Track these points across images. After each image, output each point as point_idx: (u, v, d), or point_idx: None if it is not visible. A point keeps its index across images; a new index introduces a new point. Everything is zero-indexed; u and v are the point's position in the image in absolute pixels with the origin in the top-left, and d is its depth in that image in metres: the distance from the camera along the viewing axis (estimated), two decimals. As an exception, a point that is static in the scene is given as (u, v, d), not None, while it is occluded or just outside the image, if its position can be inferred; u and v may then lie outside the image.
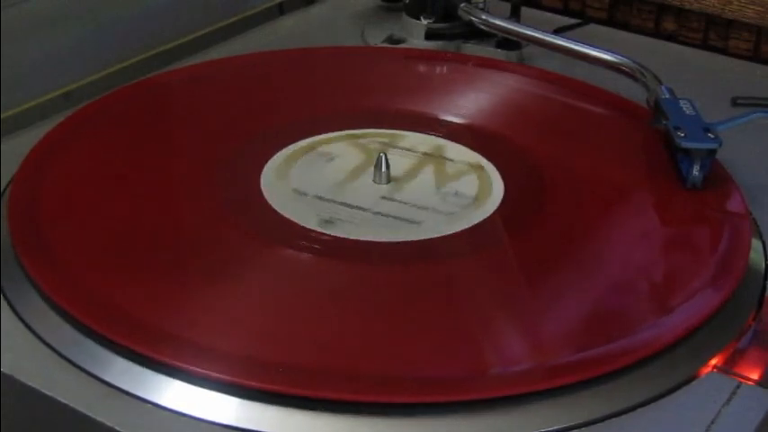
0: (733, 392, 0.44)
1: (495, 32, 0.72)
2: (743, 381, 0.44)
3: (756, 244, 0.53)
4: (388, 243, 0.51)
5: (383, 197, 0.55)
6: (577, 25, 0.78)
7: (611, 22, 0.83)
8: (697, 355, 0.46)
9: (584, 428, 0.42)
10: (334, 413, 0.42)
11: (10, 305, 0.48)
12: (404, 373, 0.43)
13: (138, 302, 0.46)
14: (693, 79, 0.68)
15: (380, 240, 0.51)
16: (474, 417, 0.42)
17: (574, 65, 0.68)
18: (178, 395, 0.42)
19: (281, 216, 0.52)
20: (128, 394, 0.43)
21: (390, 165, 0.56)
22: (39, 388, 0.43)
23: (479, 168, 0.57)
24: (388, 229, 0.52)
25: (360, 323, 0.46)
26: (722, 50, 0.78)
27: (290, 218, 0.52)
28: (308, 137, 0.60)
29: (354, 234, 0.51)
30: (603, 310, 0.48)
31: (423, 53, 0.72)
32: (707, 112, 0.58)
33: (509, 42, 0.72)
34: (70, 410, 0.42)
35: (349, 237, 0.51)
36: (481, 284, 0.49)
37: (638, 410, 0.43)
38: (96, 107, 0.62)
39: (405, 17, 0.75)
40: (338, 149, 0.59)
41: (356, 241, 0.51)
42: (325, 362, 0.44)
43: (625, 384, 0.44)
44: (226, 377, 0.42)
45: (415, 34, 0.74)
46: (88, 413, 0.42)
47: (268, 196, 0.54)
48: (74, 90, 0.66)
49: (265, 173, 0.56)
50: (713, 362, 0.45)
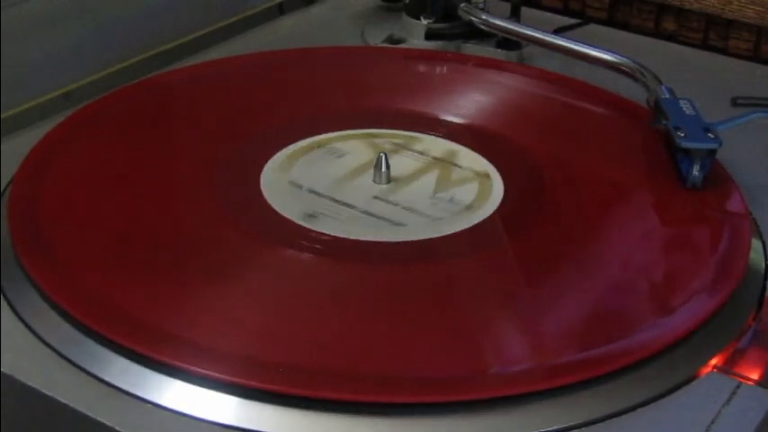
0: (733, 392, 0.44)
1: (495, 32, 0.72)
2: (743, 381, 0.44)
3: (756, 244, 0.53)
4: (388, 243, 0.51)
5: (375, 197, 0.55)
6: (577, 25, 0.78)
7: (611, 22, 0.83)
8: (697, 355, 0.46)
9: (584, 428, 0.42)
10: (334, 413, 0.42)
11: (10, 305, 0.48)
12: (404, 373, 0.43)
13: (138, 302, 0.46)
14: (693, 79, 0.68)
15: (381, 240, 0.51)
16: (474, 417, 0.42)
17: (574, 65, 0.68)
18: (178, 395, 0.42)
19: (280, 216, 0.52)
20: (128, 394, 0.43)
21: (398, 166, 0.56)
22: (39, 388, 0.43)
23: (485, 177, 0.56)
24: (369, 229, 0.52)
25: (360, 323, 0.46)
26: (722, 50, 0.78)
27: (276, 208, 0.52)
28: (307, 137, 0.60)
29: (334, 230, 0.51)
30: (603, 309, 0.48)
31: (423, 53, 0.72)
32: (707, 112, 0.58)
33: (509, 42, 0.72)
34: (70, 410, 0.42)
35: (329, 233, 0.51)
36: (481, 284, 0.49)
37: (638, 410, 0.43)
38: (96, 107, 0.62)
39: (405, 17, 0.75)
40: (351, 147, 0.59)
41: (356, 241, 0.51)
42: (325, 362, 0.44)
43: (625, 384, 0.44)
44: (226, 377, 0.42)
45: (415, 34, 0.74)
46: (88, 413, 0.42)
47: (268, 196, 0.54)
48: (74, 90, 0.66)
49: (266, 171, 0.56)
50: (713, 362, 0.45)
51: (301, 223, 0.52)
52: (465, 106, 0.64)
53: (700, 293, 0.48)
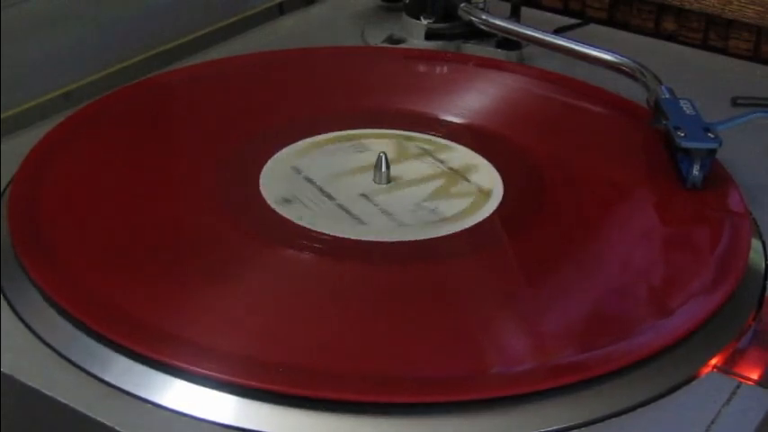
0: (733, 392, 0.44)
1: (495, 32, 0.72)
2: (743, 381, 0.44)
3: (756, 244, 0.53)
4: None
5: (362, 194, 0.55)
6: (577, 25, 0.78)
7: (611, 22, 0.83)
8: (697, 355, 0.46)
9: (584, 428, 0.42)
10: (335, 413, 0.42)
11: (10, 305, 0.48)
12: (404, 373, 0.43)
13: (138, 302, 0.46)
14: (693, 79, 0.68)
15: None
16: (474, 417, 0.42)
17: (574, 65, 0.68)
18: (178, 395, 0.42)
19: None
20: (128, 394, 0.43)
21: (409, 170, 0.56)
22: (39, 388, 0.43)
23: (485, 194, 0.55)
24: (331, 221, 0.52)
25: (360, 323, 0.46)
26: (722, 50, 0.78)
27: (263, 189, 0.52)
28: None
29: (298, 217, 0.52)
30: (603, 309, 0.48)
31: (423, 53, 0.72)
32: (707, 112, 0.58)
33: (509, 42, 0.72)
34: (70, 410, 0.42)
35: (292, 219, 0.52)
36: (481, 284, 0.49)
37: (638, 410, 0.43)
38: (96, 107, 0.62)
39: (405, 17, 0.75)
40: (378, 145, 0.58)
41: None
42: (326, 362, 0.44)
43: (625, 384, 0.44)
44: (226, 377, 0.42)
45: (415, 34, 0.74)
46: (88, 413, 0.42)
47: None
48: (74, 90, 0.66)
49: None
50: (713, 362, 0.45)
51: (274, 206, 0.52)
52: (465, 106, 0.64)
53: (700, 293, 0.48)
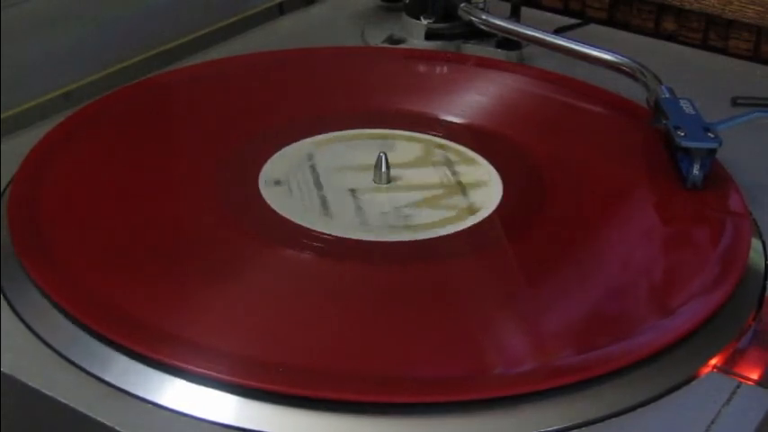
0: (733, 392, 0.44)
1: (495, 32, 0.72)
2: (743, 381, 0.44)
3: (756, 244, 0.53)
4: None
5: (351, 189, 0.55)
6: (577, 25, 0.78)
7: (611, 22, 0.83)
8: (697, 355, 0.46)
9: (584, 428, 0.42)
10: (334, 413, 0.42)
11: (10, 305, 0.48)
12: (404, 373, 0.43)
13: (138, 302, 0.46)
14: (693, 79, 0.68)
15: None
16: (474, 417, 0.42)
17: (574, 65, 0.68)
18: (178, 395, 0.42)
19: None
20: (128, 394, 0.43)
21: (417, 176, 0.56)
22: (39, 388, 0.43)
23: (469, 211, 0.53)
24: (299, 210, 0.53)
25: (360, 323, 0.46)
26: (722, 50, 0.78)
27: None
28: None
29: (276, 201, 0.53)
30: (603, 310, 0.48)
31: (423, 53, 0.72)
32: (707, 111, 0.58)
33: (509, 42, 0.72)
34: (70, 410, 0.42)
35: (269, 202, 0.53)
36: (481, 285, 0.49)
37: (638, 410, 0.43)
38: (96, 107, 0.62)
39: (405, 17, 0.75)
40: (405, 148, 0.58)
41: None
42: (325, 362, 0.44)
43: (625, 384, 0.44)
44: (226, 377, 0.42)
45: (415, 34, 0.74)
46: (88, 413, 0.42)
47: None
48: (74, 90, 0.66)
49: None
50: (713, 362, 0.45)
51: (262, 185, 0.54)
52: (465, 106, 0.64)
53: (700, 293, 0.48)
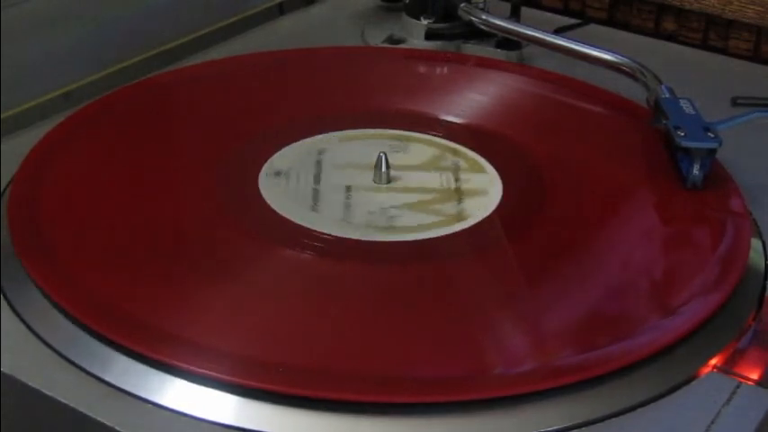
0: (733, 392, 0.44)
1: (495, 32, 0.72)
2: (743, 381, 0.44)
3: (756, 244, 0.53)
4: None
5: (347, 186, 0.55)
6: (577, 25, 0.78)
7: (611, 22, 0.83)
8: (697, 355, 0.46)
9: (584, 428, 0.42)
10: (334, 413, 0.42)
11: (10, 305, 0.48)
12: (404, 373, 0.43)
13: (138, 302, 0.46)
14: (693, 79, 0.68)
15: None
16: (474, 417, 0.42)
17: (574, 65, 0.68)
18: (178, 395, 0.42)
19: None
20: (128, 394, 0.43)
21: (420, 180, 0.55)
22: (39, 388, 0.43)
23: (456, 218, 0.53)
24: (288, 201, 0.53)
25: (360, 323, 0.46)
26: (722, 50, 0.78)
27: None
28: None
29: (270, 192, 0.54)
30: (603, 309, 0.48)
31: (423, 53, 0.72)
32: (707, 111, 0.58)
33: (509, 42, 0.72)
34: (70, 410, 0.42)
35: (264, 194, 0.53)
36: (481, 285, 0.49)
37: (638, 410, 0.43)
38: (96, 107, 0.62)
39: (405, 17, 0.75)
40: (418, 151, 0.58)
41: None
42: (326, 362, 0.44)
43: (625, 384, 0.44)
44: (226, 377, 0.42)
45: (415, 34, 0.74)
46: (88, 413, 0.42)
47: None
48: (74, 90, 0.66)
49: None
50: (713, 362, 0.45)
51: (262, 175, 0.55)
52: (465, 106, 0.64)
53: (700, 293, 0.48)
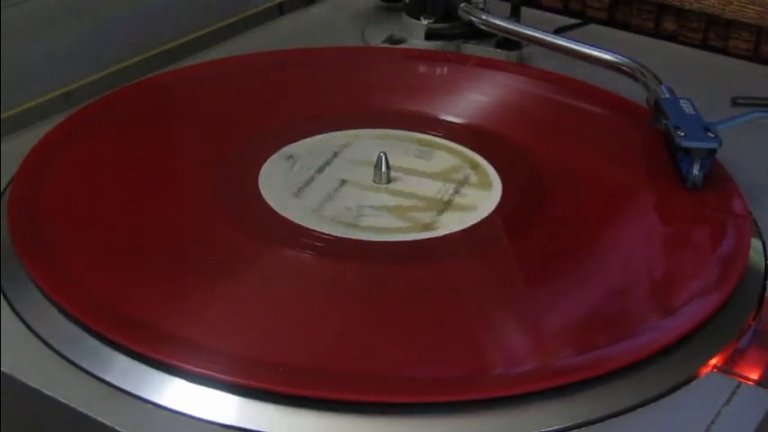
0: (733, 392, 0.44)
1: (495, 32, 0.72)
2: (743, 381, 0.44)
3: (756, 244, 0.53)
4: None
5: (343, 180, 0.56)
6: (577, 25, 0.78)
7: (611, 22, 0.83)
8: (697, 355, 0.46)
9: (584, 428, 0.42)
10: (335, 413, 0.42)
11: (10, 305, 0.47)
12: (404, 373, 0.43)
13: (138, 302, 0.46)
14: (693, 79, 0.68)
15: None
16: (474, 417, 0.42)
17: (574, 65, 0.68)
18: (178, 395, 0.42)
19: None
20: (128, 394, 0.43)
21: (418, 186, 0.55)
22: (39, 388, 0.43)
23: (423, 227, 0.52)
24: (282, 186, 0.55)
25: (360, 323, 0.46)
26: (722, 50, 0.78)
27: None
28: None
29: (274, 175, 0.55)
30: (603, 310, 0.48)
31: (423, 53, 0.72)
32: (707, 112, 0.58)
33: (509, 42, 0.72)
34: (70, 410, 0.42)
35: (262, 188, 0.54)
36: (481, 285, 0.49)
37: (638, 410, 0.43)
38: (96, 107, 0.62)
39: (405, 17, 0.75)
40: (441, 159, 0.58)
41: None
42: (326, 362, 0.44)
43: (625, 384, 0.44)
44: (226, 377, 0.42)
45: (415, 34, 0.74)
46: (88, 413, 0.42)
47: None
48: (74, 90, 0.66)
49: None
50: (713, 362, 0.45)
51: (273, 156, 0.57)
52: (465, 106, 0.64)
53: (700, 293, 0.48)
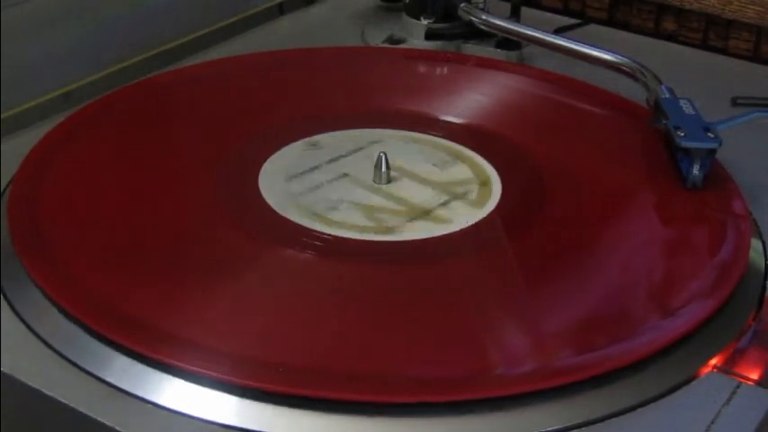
0: (733, 392, 0.44)
1: (495, 32, 0.72)
2: (743, 381, 0.44)
3: (756, 244, 0.53)
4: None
5: (344, 174, 0.56)
6: (577, 25, 0.78)
7: (611, 22, 0.83)
8: (697, 355, 0.46)
9: (584, 428, 0.42)
10: (334, 413, 0.42)
11: (10, 305, 0.47)
12: (404, 373, 0.43)
13: (138, 302, 0.46)
14: (693, 79, 0.68)
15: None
16: (474, 417, 0.42)
17: (574, 65, 0.68)
18: (178, 395, 0.42)
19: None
20: (128, 394, 0.43)
21: (416, 192, 0.55)
22: (39, 388, 0.43)
23: (384, 230, 0.52)
24: (283, 170, 0.56)
25: (359, 323, 0.46)
26: (722, 50, 0.78)
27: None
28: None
29: (277, 156, 0.57)
30: (603, 309, 0.48)
31: (423, 53, 0.72)
32: (707, 112, 0.58)
33: (509, 42, 0.72)
34: (70, 410, 0.42)
35: (268, 167, 0.55)
36: (481, 285, 0.49)
37: (638, 410, 0.43)
38: (96, 107, 0.62)
39: (405, 17, 0.75)
40: (458, 169, 0.58)
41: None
42: (325, 362, 0.44)
43: (625, 384, 0.44)
44: (226, 377, 0.42)
45: (415, 34, 0.74)
46: (88, 413, 0.42)
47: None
48: (74, 90, 0.66)
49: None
50: (713, 362, 0.45)
51: (298, 142, 0.59)
52: (465, 106, 0.64)
53: (700, 293, 0.48)
